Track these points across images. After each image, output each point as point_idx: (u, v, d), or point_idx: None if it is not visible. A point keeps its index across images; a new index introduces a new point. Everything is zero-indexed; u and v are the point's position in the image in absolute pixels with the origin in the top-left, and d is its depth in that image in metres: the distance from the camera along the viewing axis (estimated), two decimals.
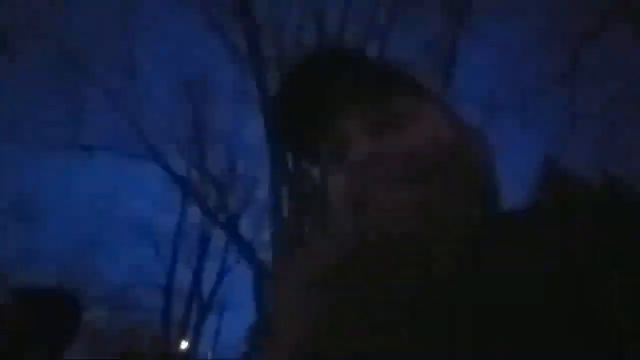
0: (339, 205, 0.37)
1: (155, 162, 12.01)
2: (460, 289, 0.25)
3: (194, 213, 14.06)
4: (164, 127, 11.92)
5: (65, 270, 13.93)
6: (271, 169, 8.29)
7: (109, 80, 11.03)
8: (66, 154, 12.02)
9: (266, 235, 9.68)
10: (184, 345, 13.84)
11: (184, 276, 14.77)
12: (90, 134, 11.83)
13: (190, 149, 12.07)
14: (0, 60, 9.30)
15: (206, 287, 14.80)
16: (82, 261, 15.54)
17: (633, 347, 0.19)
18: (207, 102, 11.94)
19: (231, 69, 11.05)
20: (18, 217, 15.99)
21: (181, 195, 13.90)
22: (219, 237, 13.86)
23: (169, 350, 13.25)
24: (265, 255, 9.61)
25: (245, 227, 12.32)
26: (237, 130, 12.84)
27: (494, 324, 0.22)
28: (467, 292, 0.25)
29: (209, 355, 16.83)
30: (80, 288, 14.33)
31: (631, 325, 0.20)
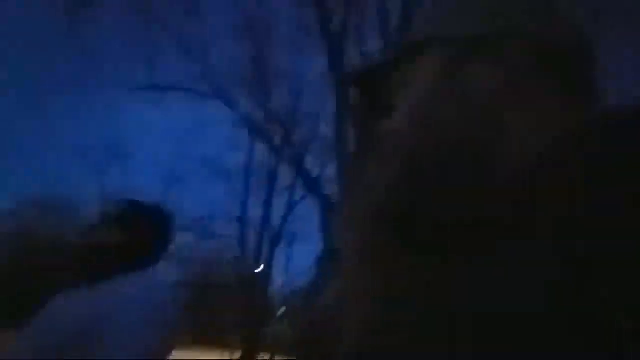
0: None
1: (222, 101, 12.50)
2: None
3: (262, 150, 14.65)
4: (230, 68, 12.24)
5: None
6: (337, 104, 8.34)
7: (177, 24, 11.36)
8: (143, 97, 12.89)
9: (332, 170, 9.99)
10: (259, 270, 15.11)
11: (255, 209, 15.77)
12: (163, 78, 12.50)
13: (255, 87, 12.35)
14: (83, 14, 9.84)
15: (276, 220, 15.74)
16: (166, 195, 17.10)
17: (633, 347, 0.19)
18: (270, 39, 11.94)
19: (293, 4, 10.83)
20: (112, 157, 17.81)
21: (248, 133, 14.48)
22: (286, 172, 14.44)
23: (244, 274, 14.56)
24: (331, 189, 9.98)
25: (311, 162, 12.73)
26: (300, 67, 12.85)
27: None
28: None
29: (281, 281, 18.32)
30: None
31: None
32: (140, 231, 1.12)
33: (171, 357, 1.04)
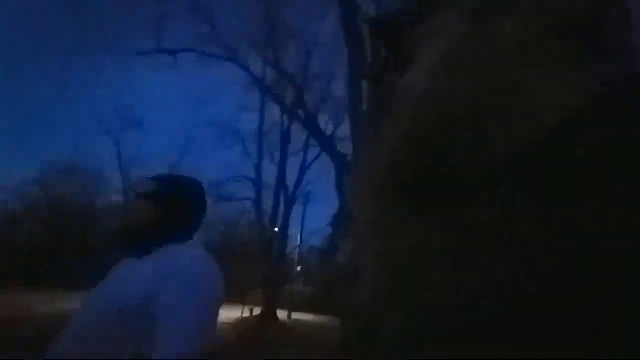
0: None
1: (233, 62, 12.29)
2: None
3: (274, 111, 14.53)
4: (241, 28, 11.93)
5: (170, 168, 15.80)
6: (350, 62, 8.10)
7: None
8: (154, 61, 12.74)
9: (346, 129, 9.87)
10: (275, 230, 15.37)
11: (270, 170, 15.85)
12: (172, 41, 12.31)
13: (266, 47, 12.05)
14: None
15: (291, 181, 15.82)
16: (182, 159, 17.29)
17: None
18: None
19: None
20: (126, 123, 18.00)
21: (260, 95, 14.32)
22: (300, 133, 14.36)
23: (263, 235, 14.84)
24: (346, 148, 9.90)
25: (324, 122, 12.60)
26: (313, 25, 12.43)
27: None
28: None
29: (298, 239, 18.67)
30: None
31: None
32: (173, 205, 1.14)
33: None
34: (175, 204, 1.14)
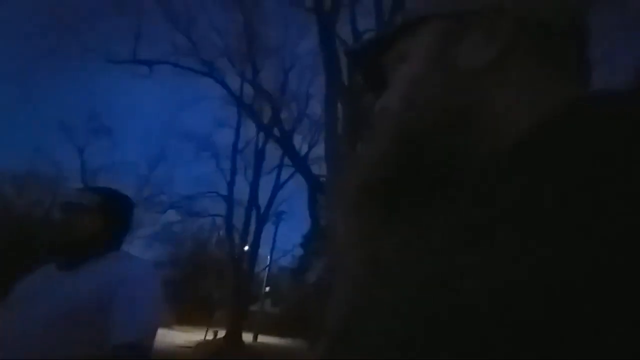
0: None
1: (210, 77, 12.23)
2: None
3: (250, 128, 14.46)
4: (219, 44, 11.91)
5: (141, 180, 15.42)
6: (327, 83, 8.18)
7: None
8: (129, 70, 12.51)
9: (320, 149, 9.90)
10: (246, 248, 15.08)
11: (242, 188, 15.65)
12: (150, 50, 12.16)
13: (245, 64, 12.07)
14: None
15: (263, 199, 15.66)
16: (152, 171, 16.90)
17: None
18: (260, 12, 11.59)
19: None
20: (94, 131, 17.48)
21: (236, 111, 14.25)
22: (274, 152, 14.31)
23: (232, 253, 14.52)
24: (319, 169, 9.91)
25: (299, 142, 12.62)
26: (291, 45, 12.56)
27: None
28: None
29: (267, 259, 18.37)
30: (156, 195, 16.06)
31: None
32: (116, 216, 1.25)
33: (156, 338, 1.12)
34: (117, 216, 1.25)
